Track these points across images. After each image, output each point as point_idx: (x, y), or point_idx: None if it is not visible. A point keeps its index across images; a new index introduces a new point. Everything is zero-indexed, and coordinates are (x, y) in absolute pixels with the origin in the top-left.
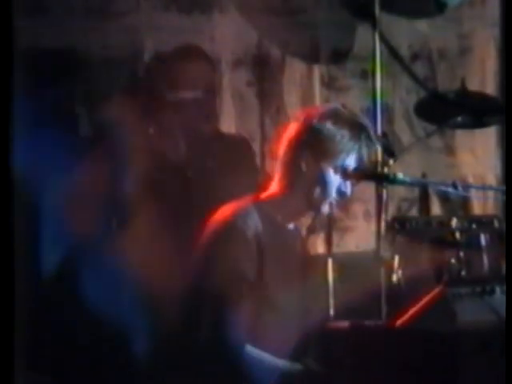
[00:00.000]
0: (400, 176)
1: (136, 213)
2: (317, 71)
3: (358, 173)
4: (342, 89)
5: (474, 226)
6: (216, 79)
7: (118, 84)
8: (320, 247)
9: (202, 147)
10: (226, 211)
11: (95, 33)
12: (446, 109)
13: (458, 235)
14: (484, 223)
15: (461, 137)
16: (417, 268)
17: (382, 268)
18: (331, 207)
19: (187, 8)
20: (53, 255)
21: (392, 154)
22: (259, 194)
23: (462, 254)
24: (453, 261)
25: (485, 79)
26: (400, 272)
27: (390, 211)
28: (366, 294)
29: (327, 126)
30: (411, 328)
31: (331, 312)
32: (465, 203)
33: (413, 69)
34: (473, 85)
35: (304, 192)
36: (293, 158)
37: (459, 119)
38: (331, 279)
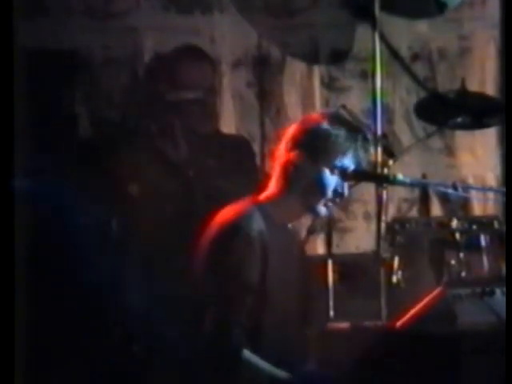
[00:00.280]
0: (400, 177)
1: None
2: (317, 72)
3: (358, 174)
4: (342, 89)
5: (474, 227)
6: (216, 79)
7: (118, 84)
8: (320, 248)
9: (203, 147)
10: (229, 213)
11: (95, 33)
12: (446, 109)
13: (458, 236)
14: (484, 224)
15: (461, 137)
16: (417, 269)
17: (382, 269)
18: (330, 208)
19: (187, 8)
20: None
21: (392, 155)
22: (258, 195)
23: (462, 255)
24: (453, 262)
25: (485, 80)
26: (400, 273)
27: (390, 212)
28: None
29: (324, 128)
30: (411, 329)
31: (331, 313)
32: (465, 204)
33: (413, 69)
34: (473, 85)
35: (301, 193)
36: (290, 159)
37: (459, 120)
38: (331, 280)
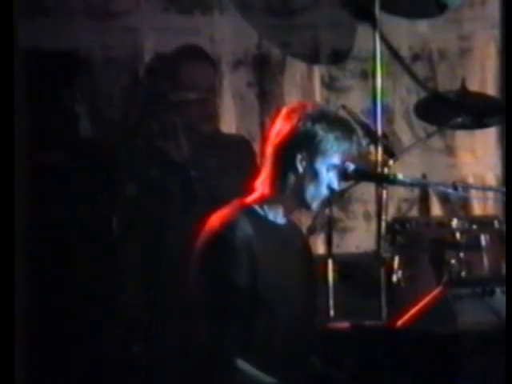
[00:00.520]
0: (400, 176)
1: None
2: (317, 72)
3: (358, 173)
4: (343, 89)
5: (475, 227)
6: (216, 80)
7: (119, 84)
8: (320, 248)
9: (203, 147)
10: (214, 221)
11: (95, 33)
12: (447, 109)
13: (459, 236)
14: (484, 224)
15: (461, 137)
16: (417, 269)
17: (382, 268)
18: (330, 207)
19: (187, 8)
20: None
21: (392, 155)
22: (247, 198)
23: (463, 255)
24: (453, 261)
25: (485, 80)
26: (400, 272)
27: (390, 212)
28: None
29: (319, 126)
30: (411, 328)
31: (331, 313)
32: (465, 204)
33: (413, 69)
34: (473, 85)
35: (298, 192)
36: (286, 160)
37: (459, 120)
38: (331, 280)
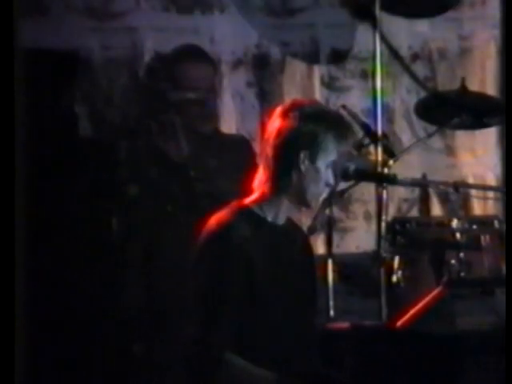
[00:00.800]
0: (400, 176)
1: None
2: (317, 71)
3: (359, 173)
4: (342, 89)
5: (475, 227)
6: (216, 79)
7: (118, 84)
8: (320, 248)
9: (203, 147)
10: (211, 222)
11: (95, 33)
12: (447, 109)
13: (459, 236)
14: (484, 224)
15: (461, 137)
16: (417, 269)
17: (382, 269)
18: (330, 207)
19: (187, 8)
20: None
21: (392, 155)
22: (245, 199)
23: (463, 255)
24: (453, 262)
25: (485, 79)
26: (400, 272)
27: (391, 212)
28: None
29: (319, 125)
30: (411, 329)
31: (331, 313)
32: (465, 204)
33: (413, 69)
34: (473, 85)
35: (299, 190)
36: (288, 159)
37: (459, 119)
38: (331, 280)
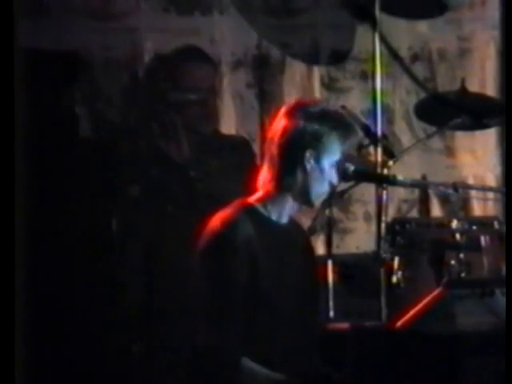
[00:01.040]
0: (400, 177)
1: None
2: (317, 72)
3: (358, 174)
4: (342, 90)
5: (474, 228)
6: (216, 80)
7: (119, 85)
8: (320, 248)
9: (203, 147)
10: (215, 221)
11: (96, 34)
12: (446, 110)
13: (458, 237)
14: (484, 225)
15: (461, 138)
16: (417, 269)
17: (382, 269)
18: (330, 208)
19: (187, 9)
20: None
21: (392, 155)
22: (250, 197)
23: (462, 256)
24: (453, 262)
25: (485, 80)
26: (400, 273)
27: (390, 212)
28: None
29: (323, 125)
30: (411, 329)
31: (331, 313)
32: (465, 205)
33: (413, 70)
34: (473, 86)
35: (303, 190)
36: (294, 158)
37: (459, 120)
38: (331, 280)
